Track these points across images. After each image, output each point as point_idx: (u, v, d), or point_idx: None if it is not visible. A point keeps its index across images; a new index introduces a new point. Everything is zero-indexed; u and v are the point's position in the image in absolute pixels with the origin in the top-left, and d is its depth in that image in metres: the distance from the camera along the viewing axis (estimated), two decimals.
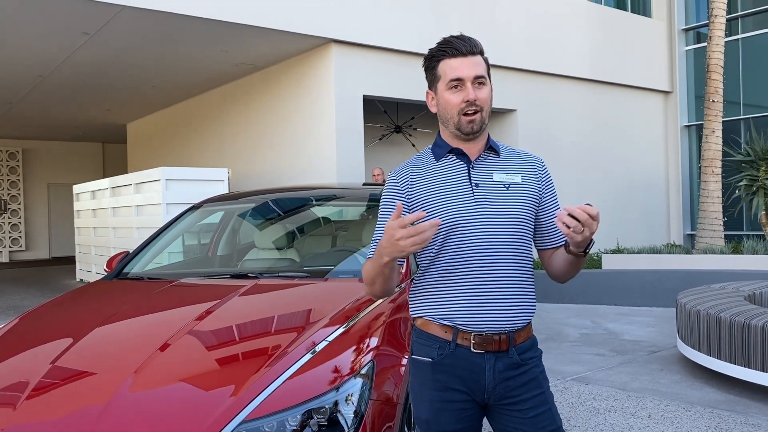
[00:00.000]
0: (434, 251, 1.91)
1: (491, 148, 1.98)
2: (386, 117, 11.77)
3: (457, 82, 1.88)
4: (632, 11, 13.00)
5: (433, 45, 1.97)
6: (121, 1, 7.07)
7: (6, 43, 8.52)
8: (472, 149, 1.96)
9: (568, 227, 1.64)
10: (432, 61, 1.94)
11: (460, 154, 1.95)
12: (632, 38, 12.62)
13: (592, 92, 11.99)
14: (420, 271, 1.97)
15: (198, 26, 7.91)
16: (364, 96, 9.05)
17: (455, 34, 1.96)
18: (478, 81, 1.89)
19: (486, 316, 1.87)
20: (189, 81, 10.99)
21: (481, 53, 1.93)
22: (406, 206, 1.92)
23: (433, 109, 1.98)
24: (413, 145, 12.21)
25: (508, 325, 1.88)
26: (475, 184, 1.92)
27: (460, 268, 1.88)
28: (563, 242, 1.97)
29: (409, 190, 1.94)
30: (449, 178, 1.93)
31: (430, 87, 1.97)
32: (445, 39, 1.93)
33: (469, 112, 1.89)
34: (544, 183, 2.01)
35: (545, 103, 11.19)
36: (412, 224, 1.59)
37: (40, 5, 7.05)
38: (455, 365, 1.89)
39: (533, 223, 1.97)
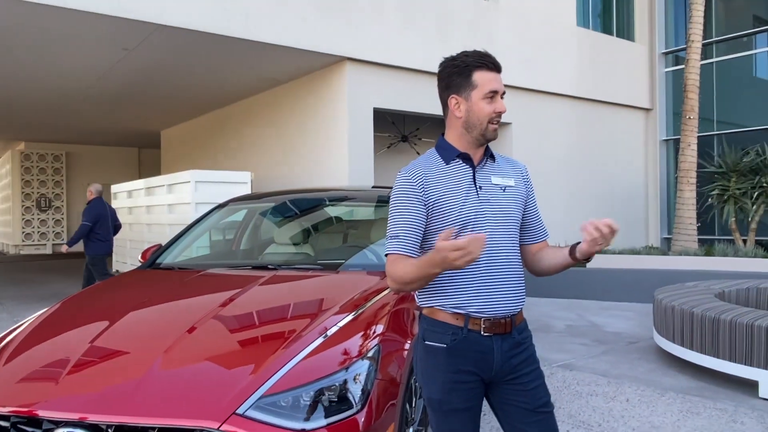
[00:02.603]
0: None
1: (491, 155, 2.00)
2: (394, 127, 11.79)
3: (493, 94, 1.89)
4: (617, 35, 12.96)
5: (443, 58, 1.94)
6: (158, 20, 7.11)
7: (56, 57, 8.58)
8: (477, 155, 1.97)
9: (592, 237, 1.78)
10: (467, 69, 1.89)
11: (467, 159, 1.95)
12: (616, 60, 12.58)
13: (579, 108, 11.96)
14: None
15: (226, 44, 7.95)
16: (374, 108, 9.05)
17: (478, 50, 1.94)
18: (503, 95, 1.93)
19: (494, 302, 1.89)
20: (218, 93, 11.03)
21: None
22: (423, 203, 1.90)
23: (458, 114, 1.92)
24: (418, 153, 12.19)
25: (510, 309, 1.91)
26: (480, 186, 1.93)
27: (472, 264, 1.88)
28: (544, 239, 2.07)
29: (425, 190, 1.90)
30: (457, 180, 1.93)
31: (456, 92, 1.91)
32: (477, 51, 1.91)
33: (495, 122, 1.91)
34: (528, 186, 2.07)
35: (537, 118, 11.16)
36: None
37: (86, 23, 7.09)
38: (468, 349, 1.89)
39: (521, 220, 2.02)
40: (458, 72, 1.91)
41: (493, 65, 1.91)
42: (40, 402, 2.17)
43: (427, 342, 1.94)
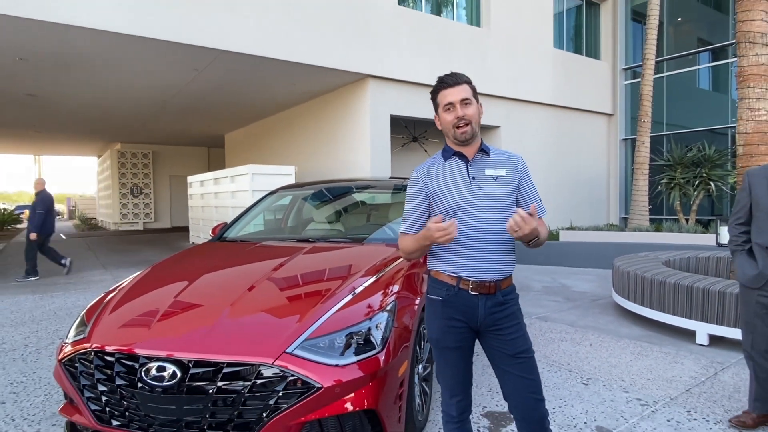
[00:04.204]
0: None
1: (483, 150, 1.96)
2: (407, 130, 11.70)
3: (450, 106, 1.88)
4: (586, 55, 12.68)
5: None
6: (221, 46, 7.12)
7: (143, 76, 8.65)
8: (469, 152, 1.94)
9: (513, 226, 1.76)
10: (433, 94, 1.95)
11: (461, 156, 1.94)
12: (585, 75, 12.33)
13: (555, 114, 11.77)
14: (436, 245, 1.98)
15: (274, 65, 7.94)
16: (391, 115, 9.00)
17: (448, 72, 1.95)
18: (464, 102, 1.88)
19: (480, 269, 1.88)
20: (268, 103, 11.04)
21: (467, 82, 1.90)
22: (425, 195, 1.96)
23: (439, 127, 1.98)
24: (426, 151, 12.10)
25: (495, 276, 1.89)
26: (473, 177, 1.91)
27: (463, 237, 1.89)
28: (538, 217, 1.95)
29: (427, 183, 1.95)
30: (454, 174, 1.93)
31: (435, 111, 1.99)
32: (439, 77, 1.92)
33: (461, 125, 1.88)
34: (521, 173, 1.98)
35: (521, 122, 11.01)
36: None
37: (166, 49, 7.13)
38: (458, 302, 1.90)
39: (514, 202, 1.95)
40: (431, 97, 1.99)
41: (446, 84, 1.90)
42: (137, 342, 2.22)
43: (429, 295, 1.98)
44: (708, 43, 11.92)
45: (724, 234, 5.30)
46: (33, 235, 7.80)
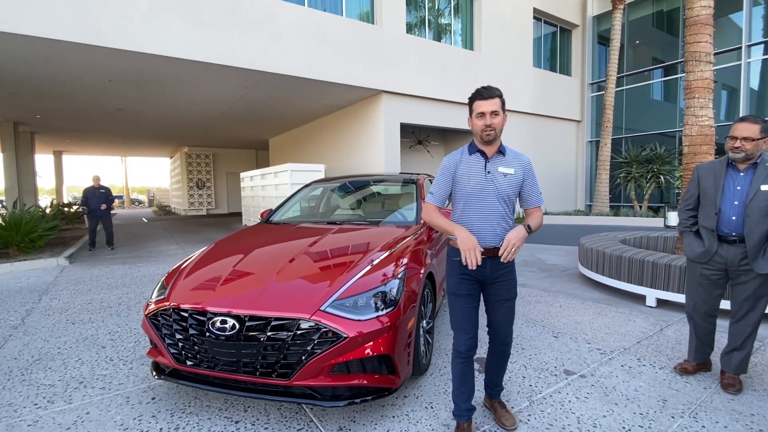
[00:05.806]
0: (461, 207, 2.00)
1: (500, 151, 2.00)
2: (413, 135, 11.61)
3: (481, 114, 1.91)
4: (560, 72, 12.39)
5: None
6: (265, 69, 7.11)
7: (203, 93, 8.69)
8: (490, 151, 1.99)
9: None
10: (470, 100, 1.95)
11: (483, 154, 1.99)
12: (559, 88, 12.07)
13: (534, 121, 11.56)
14: (454, 217, 2.05)
15: (308, 84, 7.90)
16: (400, 123, 8.92)
17: (485, 85, 1.94)
18: (493, 113, 1.91)
19: (487, 240, 1.97)
20: (301, 115, 11.02)
21: (499, 96, 1.91)
22: (452, 177, 2.00)
23: (470, 127, 1.99)
24: (428, 152, 12.02)
25: (498, 243, 1.97)
26: (488, 171, 1.97)
27: (475, 216, 1.97)
28: (533, 206, 2.05)
29: (455, 167, 2.00)
30: (475, 166, 1.99)
31: (469, 114, 1.98)
32: (477, 89, 1.93)
33: (488, 131, 1.92)
34: (526, 172, 2.02)
35: (507, 127, 10.73)
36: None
37: (221, 72, 7.14)
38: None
39: (517, 195, 2.02)
40: (469, 103, 1.98)
41: (480, 96, 1.91)
42: (205, 301, 2.27)
43: (452, 258, 2.06)
44: (661, 61, 11.57)
45: (671, 218, 5.21)
46: (103, 206, 7.92)
